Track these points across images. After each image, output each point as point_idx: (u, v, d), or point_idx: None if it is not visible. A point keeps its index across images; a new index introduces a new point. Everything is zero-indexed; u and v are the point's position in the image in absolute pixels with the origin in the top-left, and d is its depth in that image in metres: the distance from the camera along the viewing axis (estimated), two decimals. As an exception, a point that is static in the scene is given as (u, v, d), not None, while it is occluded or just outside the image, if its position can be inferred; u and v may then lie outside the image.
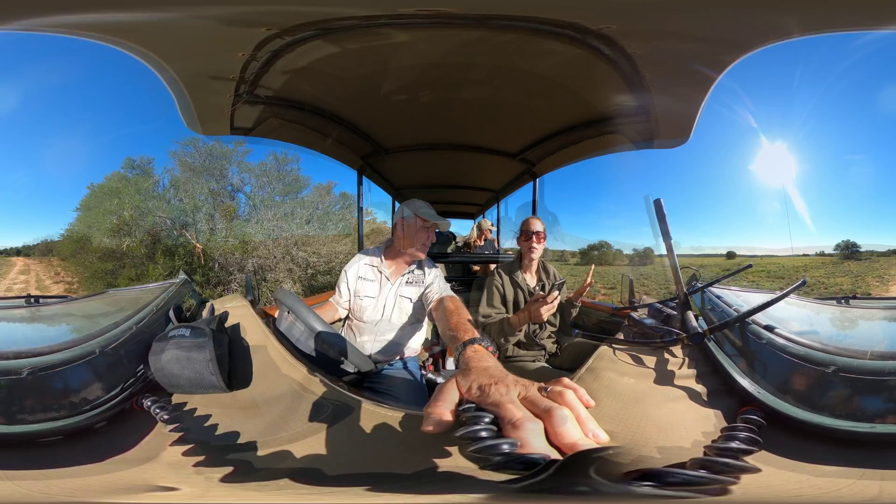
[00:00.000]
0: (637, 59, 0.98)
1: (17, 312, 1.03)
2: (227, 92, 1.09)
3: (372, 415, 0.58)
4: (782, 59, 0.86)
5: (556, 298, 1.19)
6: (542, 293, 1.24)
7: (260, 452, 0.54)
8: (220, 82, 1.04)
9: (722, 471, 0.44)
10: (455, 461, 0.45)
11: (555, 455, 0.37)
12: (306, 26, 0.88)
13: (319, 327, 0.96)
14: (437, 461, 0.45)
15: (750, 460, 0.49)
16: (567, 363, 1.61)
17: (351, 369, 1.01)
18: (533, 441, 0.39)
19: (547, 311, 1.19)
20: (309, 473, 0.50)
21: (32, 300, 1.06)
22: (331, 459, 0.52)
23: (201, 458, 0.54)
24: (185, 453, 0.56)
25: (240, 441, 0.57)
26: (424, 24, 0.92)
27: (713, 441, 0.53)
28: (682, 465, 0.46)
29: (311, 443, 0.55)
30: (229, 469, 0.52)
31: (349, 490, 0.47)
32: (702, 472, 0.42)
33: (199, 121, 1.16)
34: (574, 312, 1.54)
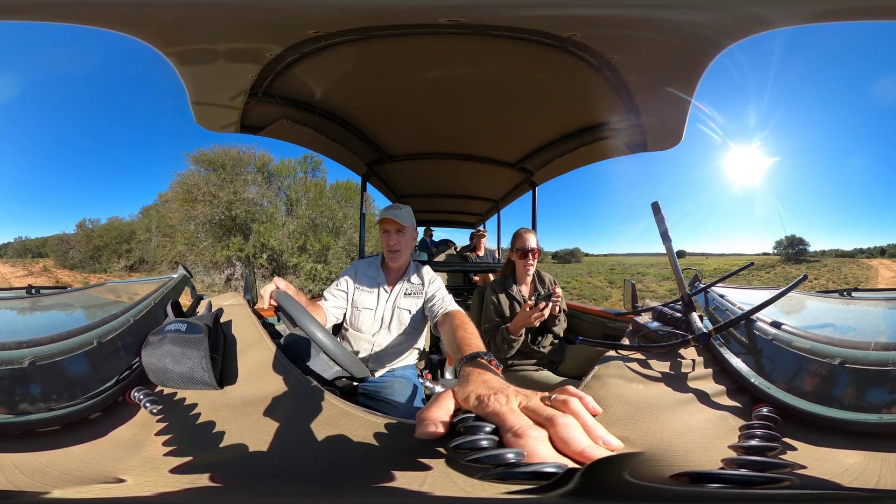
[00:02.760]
0: (618, 65, 1.03)
1: (18, 303, 1.02)
2: (240, 90, 1.12)
3: (362, 422, 0.56)
4: (720, 64, 0.88)
5: (546, 307, 1.35)
6: (531, 303, 1.38)
7: (244, 452, 0.52)
8: (235, 81, 1.07)
9: (764, 469, 0.42)
10: (445, 470, 0.43)
11: (571, 464, 0.36)
12: (344, 33, 0.91)
13: (315, 331, 0.94)
14: (427, 473, 0.43)
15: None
16: (572, 371, 1.58)
17: (345, 375, 0.98)
18: (539, 449, 0.37)
19: (538, 319, 1.37)
20: (294, 477, 0.48)
21: (33, 291, 1.05)
22: (316, 464, 0.50)
23: (185, 453, 0.52)
24: (168, 444, 0.54)
25: (225, 439, 0.55)
26: (423, 33, 0.96)
27: (738, 440, 0.52)
28: (721, 467, 0.45)
29: (299, 446, 0.53)
30: (211, 465, 0.50)
31: (332, 496, 0.45)
32: (743, 472, 0.41)
33: (210, 117, 1.18)
34: (558, 321, 1.57)
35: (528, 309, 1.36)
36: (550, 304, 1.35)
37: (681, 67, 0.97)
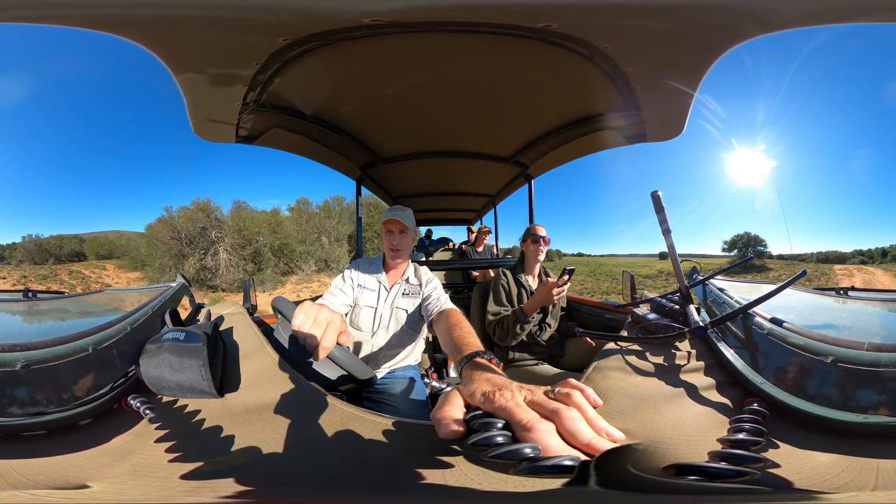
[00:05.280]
0: (613, 55, 0.99)
1: (14, 306, 1.03)
2: (234, 100, 1.12)
3: (373, 424, 0.56)
4: (733, 61, 0.84)
5: (566, 282, 1.34)
6: (552, 280, 1.39)
7: (247, 459, 0.52)
8: (229, 90, 1.07)
9: (740, 462, 0.43)
10: (461, 470, 0.43)
11: (582, 457, 0.36)
12: (316, 37, 0.91)
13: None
14: (450, 471, 0.43)
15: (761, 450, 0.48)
16: (573, 363, 1.59)
17: (349, 378, 0.98)
18: (550, 442, 0.38)
19: (558, 293, 1.36)
20: (302, 482, 0.48)
21: (30, 294, 1.06)
22: (325, 469, 0.50)
23: (186, 460, 0.52)
24: (168, 450, 0.55)
25: (226, 447, 0.55)
26: (411, 31, 0.94)
27: (727, 434, 0.52)
28: (707, 460, 0.45)
29: (305, 452, 0.53)
30: (214, 473, 0.50)
31: (369, 500, 0.45)
32: (723, 465, 0.41)
33: (208, 127, 1.19)
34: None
35: (549, 283, 1.36)
36: (569, 282, 1.35)
37: (684, 59, 0.92)
